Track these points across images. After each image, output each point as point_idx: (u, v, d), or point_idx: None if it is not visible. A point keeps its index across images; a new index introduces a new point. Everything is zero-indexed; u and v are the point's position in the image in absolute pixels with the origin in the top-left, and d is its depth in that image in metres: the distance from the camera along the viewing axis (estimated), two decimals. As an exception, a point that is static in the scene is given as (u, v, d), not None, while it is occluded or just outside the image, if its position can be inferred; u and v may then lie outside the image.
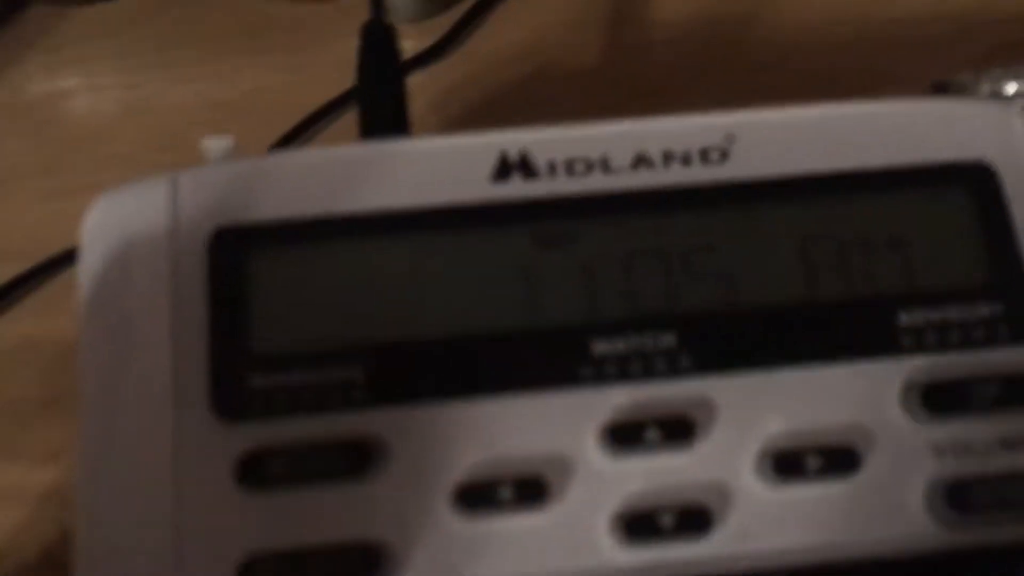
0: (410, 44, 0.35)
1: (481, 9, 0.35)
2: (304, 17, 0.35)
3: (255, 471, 0.20)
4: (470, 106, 0.34)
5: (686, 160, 0.22)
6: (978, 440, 0.20)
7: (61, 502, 0.28)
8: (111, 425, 0.21)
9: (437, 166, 0.22)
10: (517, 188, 0.22)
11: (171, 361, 0.21)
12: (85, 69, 0.35)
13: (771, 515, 0.20)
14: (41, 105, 0.35)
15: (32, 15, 0.36)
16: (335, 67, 0.29)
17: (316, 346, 0.21)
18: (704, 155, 0.22)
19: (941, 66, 0.29)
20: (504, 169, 0.22)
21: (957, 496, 0.20)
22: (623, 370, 0.21)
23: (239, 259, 0.21)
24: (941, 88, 0.26)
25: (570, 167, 0.22)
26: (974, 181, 0.22)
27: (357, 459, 0.20)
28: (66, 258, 0.30)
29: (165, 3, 0.36)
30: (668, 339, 0.21)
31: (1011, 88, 0.26)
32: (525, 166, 0.22)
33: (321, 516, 0.20)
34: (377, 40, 0.26)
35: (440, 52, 0.35)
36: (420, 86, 0.33)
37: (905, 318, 0.21)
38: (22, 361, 0.30)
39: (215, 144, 0.23)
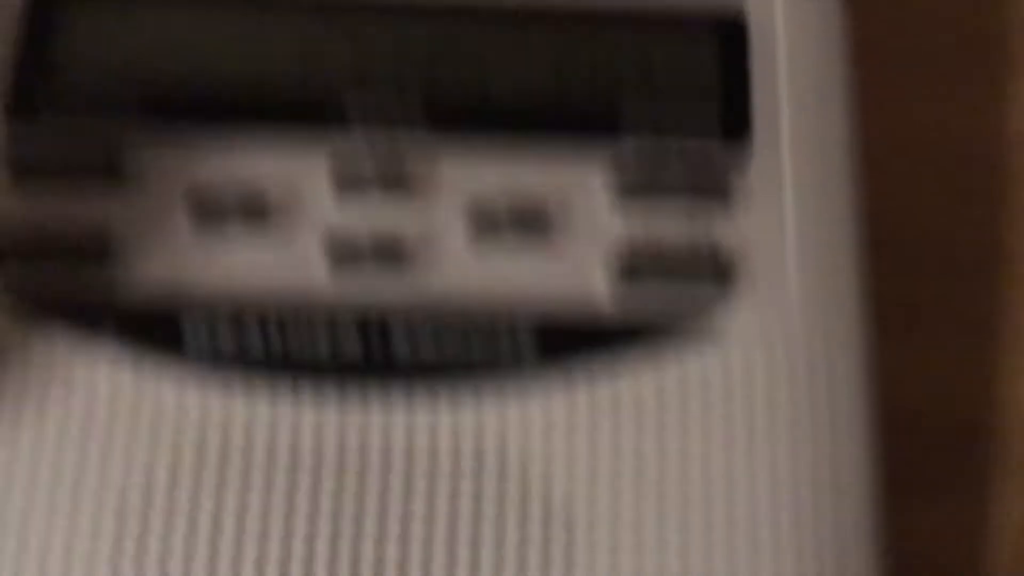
0: None
1: None
2: None
3: (25, 162, 0.23)
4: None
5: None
6: (661, 219, 0.22)
7: None
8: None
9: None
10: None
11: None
12: None
13: (469, 265, 0.22)
14: None
15: None
16: None
17: (108, 70, 0.24)
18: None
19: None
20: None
21: (628, 265, 0.22)
22: (366, 120, 0.23)
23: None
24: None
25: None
26: (725, 33, 0.24)
27: (110, 163, 0.23)
28: None
29: None
30: (412, 99, 0.23)
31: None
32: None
33: (66, 204, 0.22)
34: None
35: None
36: None
37: (629, 106, 0.23)
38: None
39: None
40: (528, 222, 0.22)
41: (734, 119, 0.23)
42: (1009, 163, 0.30)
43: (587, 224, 0.23)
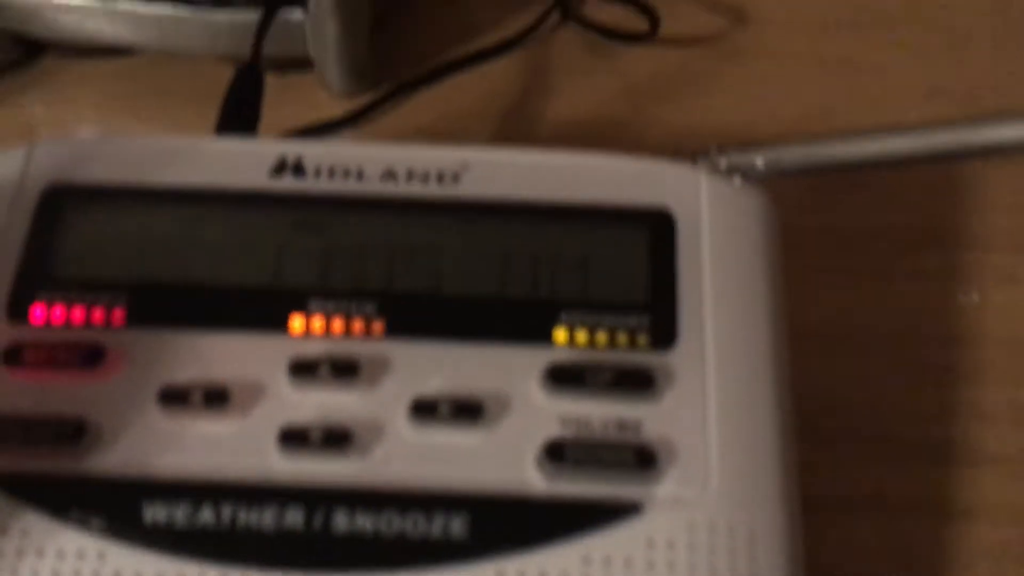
0: (336, 113, 0.42)
1: (399, 94, 0.42)
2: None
3: (16, 357, 0.25)
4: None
5: (424, 178, 0.28)
6: (598, 411, 0.24)
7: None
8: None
9: (230, 158, 0.28)
10: (287, 183, 0.28)
11: (-10, 275, 0.27)
12: (74, 106, 0.43)
13: (410, 451, 0.24)
14: (35, 130, 0.42)
15: (45, 62, 0.44)
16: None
17: (95, 277, 0.27)
18: (440, 176, 0.28)
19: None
20: (280, 167, 0.28)
21: (555, 453, 0.24)
22: (327, 324, 0.26)
23: (59, 206, 0.28)
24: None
25: (332, 172, 0.28)
26: (653, 222, 0.27)
27: (93, 359, 0.25)
28: None
29: (150, 64, 0.44)
30: (369, 307, 0.26)
31: (759, 161, 0.30)
32: (297, 167, 0.28)
33: (51, 396, 0.25)
34: (246, 77, 0.33)
35: (354, 121, 0.41)
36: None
37: (565, 317, 0.26)
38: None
39: (85, 132, 0.30)
40: (465, 411, 0.24)
41: (662, 322, 0.26)
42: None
43: (520, 415, 0.25)
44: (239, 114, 0.32)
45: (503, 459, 0.24)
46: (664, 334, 0.25)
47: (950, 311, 0.35)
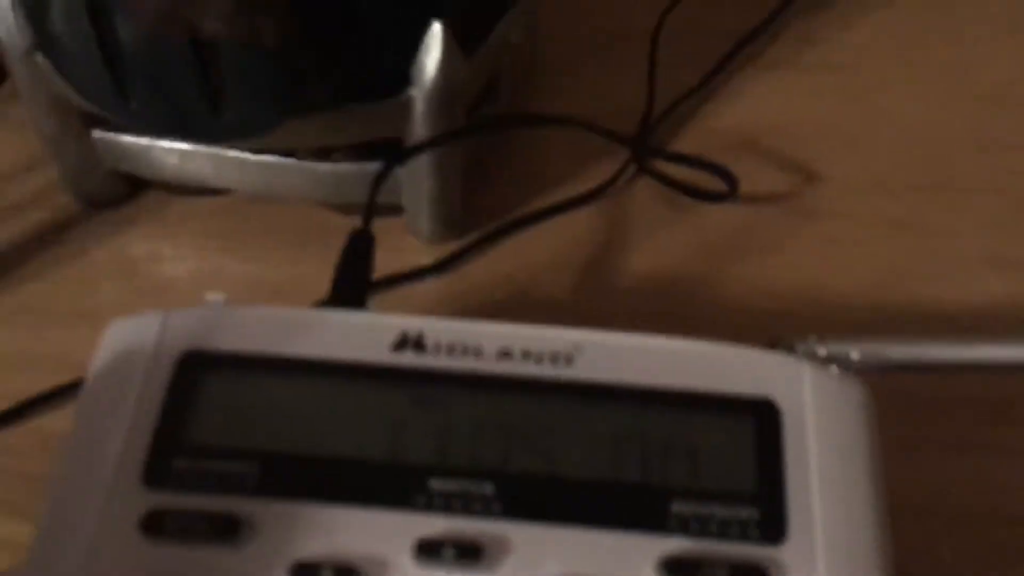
0: (423, 259, 0.43)
1: (484, 243, 0.44)
2: (336, 224, 0.44)
3: (155, 524, 0.27)
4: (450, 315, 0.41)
5: (539, 359, 0.29)
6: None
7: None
8: (70, 479, 0.28)
9: (354, 332, 0.30)
10: (408, 358, 0.29)
11: (125, 439, 0.28)
12: (174, 242, 0.45)
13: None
14: (137, 262, 0.44)
15: (146, 199, 0.46)
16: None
17: (230, 446, 0.28)
18: (554, 357, 0.29)
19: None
20: (402, 343, 0.30)
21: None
22: (448, 504, 0.27)
23: (194, 374, 0.29)
24: (774, 343, 0.31)
25: (451, 349, 0.29)
26: (760, 413, 0.28)
27: (229, 530, 0.27)
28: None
29: (248, 203, 0.46)
30: (488, 488, 0.27)
31: (855, 354, 0.31)
32: (418, 343, 0.30)
33: (189, 565, 0.26)
34: (358, 242, 0.35)
35: (442, 269, 0.43)
36: (420, 294, 0.41)
37: (676, 507, 0.27)
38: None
39: (212, 297, 0.32)
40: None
41: (771, 515, 0.27)
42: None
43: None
44: (352, 279, 0.34)
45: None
46: (774, 527, 0.27)
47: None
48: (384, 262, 0.42)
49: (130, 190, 0.46)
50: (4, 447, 0.38)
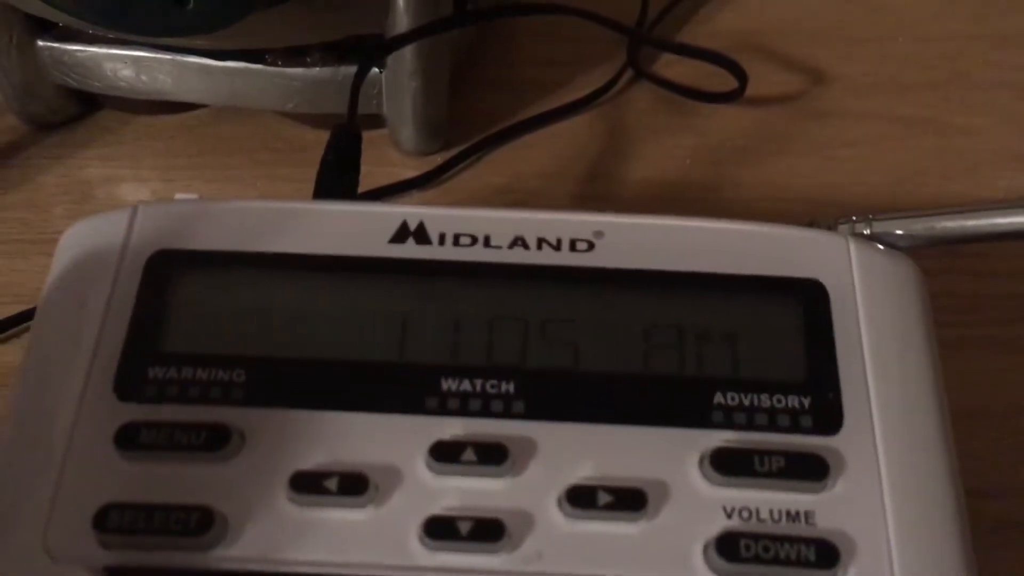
0: (408, 172, 0.40)
1: (470, 154, 0.40)
2: (311, 139, 0.41)
3: (130, 438, 0.23)
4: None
5: (556, 246, 0.26)
6: (764, 501, 0.23)
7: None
8: (34, 394, 0.24)
9: (347, 224, 0.26)
10: (410, 250, 0.26)
11: (93, 348, 0.25)
12: (133, 163, 0.41)
13: (564, 543, 0.22)
14: (92, 186, 0.41)
15: (100, 117, 0.42)
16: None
17: (212, 353, 0.25)
18: (573, 244, 0.26)
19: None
20: (402, 234, 0.26)
21: (728, 548, 0.22)
22: (464, 405, 0.24)
23: (166, 275, 0.26)
24: (812, 224, 0.28)
25: (457, 239, 0.26)
26: (806, 295, 0.25)
27: (215, 441, 0.23)
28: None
29: (213, 119, 0.42)
30: (508, 387, 0.24)
31: (899, 230, 0.28)
32: (420, 234, 0.26)
33: (171, 481, 0.23)
34: (343, 137, 0.31)
35: (428, 181, 0.39)
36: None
37: (719, 398, 0.24)
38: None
39: (182, 197, 0.28)
40: (627, 500, 0.22)
41: (825, 403, 0.24)
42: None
43: (681, 504, 0.23)
44: (339, 177, 0.31)
45: (667, 553, 0.22)
46: (828, 416, 0.24)
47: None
48: (366, 176, 0.38)
49: (81, 109, 0.42)
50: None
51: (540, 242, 0.26)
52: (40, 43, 0.39)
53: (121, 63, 0.39)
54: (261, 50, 0.38)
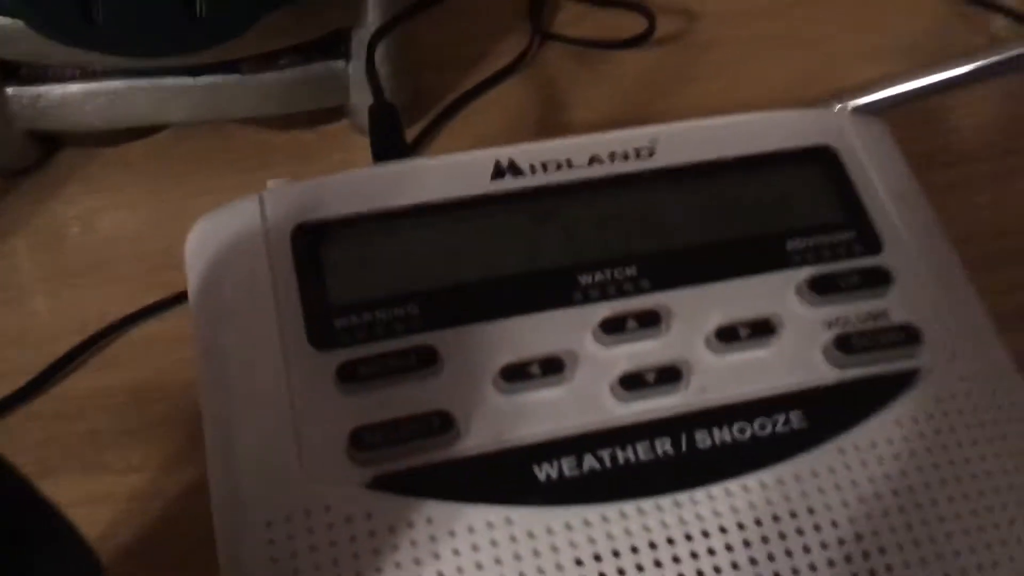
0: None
1: (438, 123, 0.45)
2: (281, 142, 0.44)
3: (351, 374, 0.27)
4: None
5: (625, 156, 0.32)
6: (851, 310, 0.29)
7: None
8: (238, 370, 0.28)
9: (450, 173, 0.31)
10: (509, 184, 0.31)
11: (276, 321, 0.28)
12: (116, 190, 0.43)
13: (720, 375, 0.28)
14: (92, 215, 0.42)
15: (64, 157, 0.44)
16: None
17: (381, 296, 0.29)
18: (637, 152, 0.32)
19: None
20: (499, 171, 0.31)
21: (845, 345, 0.28)
22: (603, 292, 0.29)
23: (314, 243, 0.29)
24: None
25: (545, 167, 0.31)
26: (824, 157, 0.32)
27: (425, 359, 0.27)
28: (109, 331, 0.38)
29: (175, 139, 0.44)
30: (631, 270, 0.30)
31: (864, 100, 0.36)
32: (514, 168, 0.31)
33: (397, 399, 0.27)
34: (383, 111, 0.35)
35: (416, 146, 0.44)
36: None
37: (791, 244, 0.30)
38: (96, 405, 0.36)
39: (276, 182, 0.31)
40: (758, 331, 0.28)
41: (866, 233, 0.31)
42: None
43: (794, 324, 0.29)
44: (393, 143, 0.35)
45: (798, 362, 0.28)
46: (871, 241, 0.31)
47: None
48: (340, 164, 0.42)
49: (44, 152, 0.43)
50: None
51: (612, 156, 0.32)
52: (10, 90, 0.40)
53: (96, 97, 0.41)
54: (235, 60, 0.41)
